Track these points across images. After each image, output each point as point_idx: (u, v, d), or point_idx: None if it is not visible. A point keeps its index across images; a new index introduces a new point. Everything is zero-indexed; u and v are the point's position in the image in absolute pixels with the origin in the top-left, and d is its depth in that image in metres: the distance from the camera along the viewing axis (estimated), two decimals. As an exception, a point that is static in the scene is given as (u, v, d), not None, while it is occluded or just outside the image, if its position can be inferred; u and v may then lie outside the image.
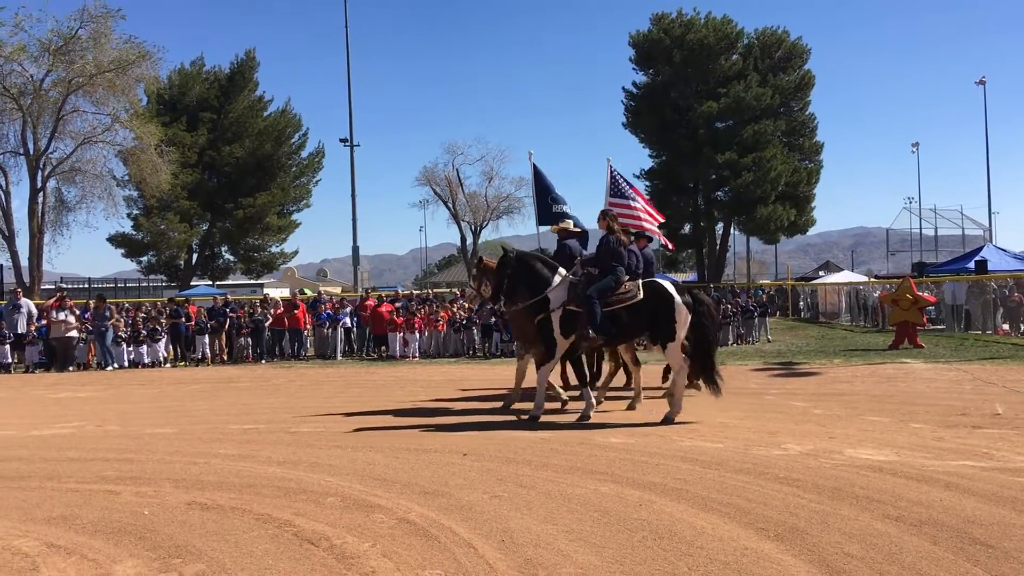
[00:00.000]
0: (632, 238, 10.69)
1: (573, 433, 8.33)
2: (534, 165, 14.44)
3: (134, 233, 42.47)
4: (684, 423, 8.80)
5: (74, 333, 19.68)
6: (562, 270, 9.90)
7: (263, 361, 20.45)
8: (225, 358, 20.92)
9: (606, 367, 11.72)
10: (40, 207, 31.69)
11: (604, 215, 10.24)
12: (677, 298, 9.22)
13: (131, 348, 20.12)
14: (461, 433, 8.48)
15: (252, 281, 51.05)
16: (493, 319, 20.10)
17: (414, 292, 29.90)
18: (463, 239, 49.79)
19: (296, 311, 21.14)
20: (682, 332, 9.20)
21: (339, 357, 20.84)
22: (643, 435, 8.13)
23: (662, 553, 4.52)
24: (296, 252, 51.03)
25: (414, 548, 4.65)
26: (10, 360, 19.59)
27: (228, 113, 43.03)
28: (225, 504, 5.72)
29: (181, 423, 9.78)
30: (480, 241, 51.74)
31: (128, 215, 41.63)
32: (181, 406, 11.63)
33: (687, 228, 44.81)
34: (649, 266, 11.58)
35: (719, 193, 42.63)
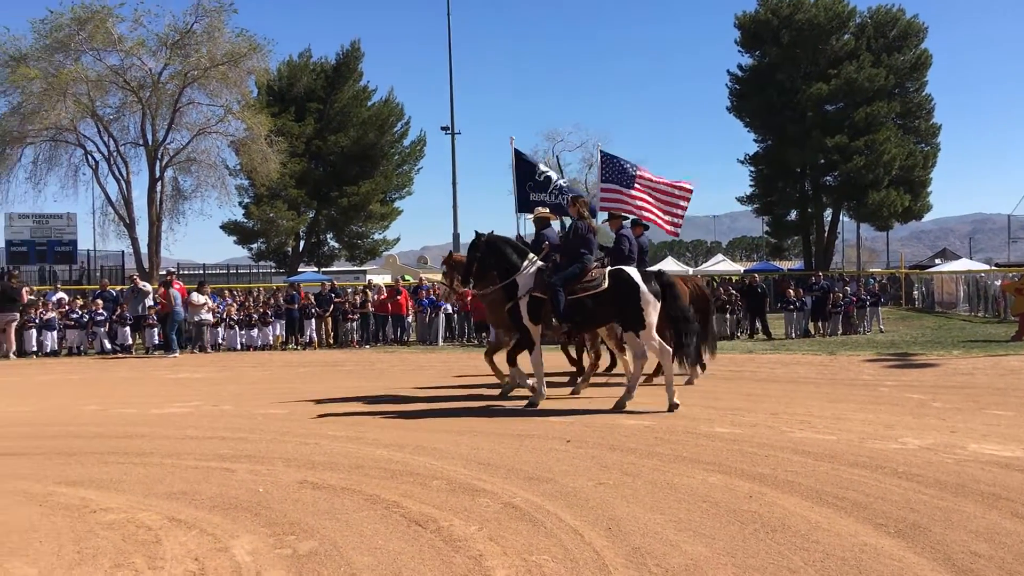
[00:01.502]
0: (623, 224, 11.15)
1: (678, 422, 8.18)
2: (515, 151, 14.32)
3: (245, 221, 43.94)
4: (794, 414, 8.55)
5: (209, 316, 20.51)
6: (532, 256, 9.83)
7: (367, 346, 20.89)
8: (331, 342, 21.48)
9: (586, 358, 11.56)
10: (158, 196, 33.10)
11: (575, 201, 10.20)
12: (643, 286, 9.13)
13: (243, 331, 20.86)
14: (563, 419, 8.45)
15: (356, 268, 52.19)
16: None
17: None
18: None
19: (399, 297, 21.50)
20: (652, 319, 9.09)
21: (440, 343, 21.09)
22: (751, 426, 7.93)
23: (775, 546, 4.38)
24: (398, 239, 51.86)
25: (520, 533, 4.64)
26: (131, 342, 20.55)
27: (334, 103, 44.00)
28: (335, 484, 5.85)
29: (291, 404, 10.05)
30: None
31: (239, 203, 43.06)
32: (291, 388, 11.96)
33: (793, 214, 43.52)
34: (643, 254, 11.49)
35: (828, 178, 41.21)
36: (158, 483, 6.01)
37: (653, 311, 9.12)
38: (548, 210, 11.51)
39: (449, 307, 21.65)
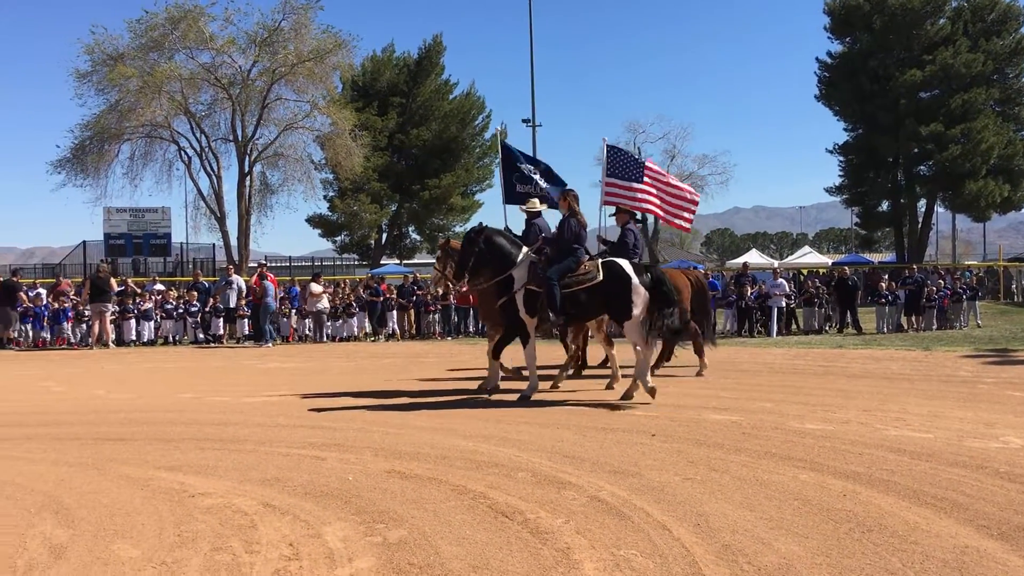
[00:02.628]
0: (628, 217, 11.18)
1: (766, 417, 8.02)
2: (502, 143, 14.16)
3: (329, 214, 44.88)
4: (888, 411, 8.29)
5: (325, 305, 21.06)
6: (525, 248, 9.73)
7: (449, 338, 21.10)
8: (413, 334, 21.77)
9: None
10: (247, 190, 34.09)
11: (565, 195, 10.06)
12: (634, 278, 9.19)
13: (330, 323, 21.32)
14: (648, 413, 8.37)
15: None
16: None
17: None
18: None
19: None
20: (639, 311, 9.13)
21: (521, 335, 21.12)
22: (842, 422, 7.72)
23: (871, 547, 4.25)
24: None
25: (607, 527, 4.62)
26: (222, 332, 21.20)
27: (416, 97, 44.54)
28: (422, 474, 5.92)
29: (376, 395, 10.21)
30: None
31: (324, 197, 44.02)
32: (375, 379, 12.16)
33: (885, 205, 42.21)
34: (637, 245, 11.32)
35: (922, 168, 39.88)
36: (252, 469, 6.17)
37: (641, 303, 9.18)
38: (538, 201, 11.43)
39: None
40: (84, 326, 20.16)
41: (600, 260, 9.65)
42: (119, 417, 8.88)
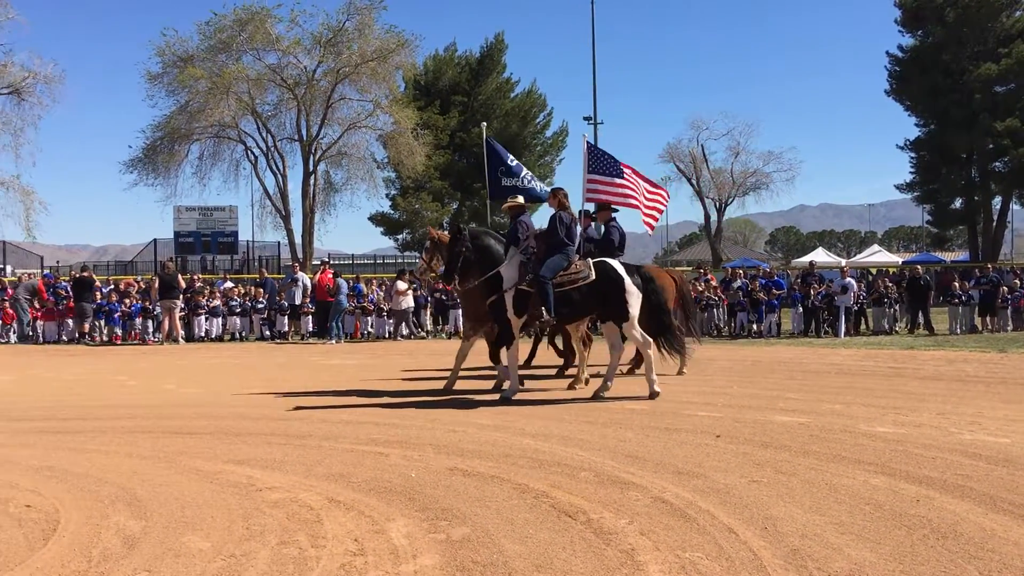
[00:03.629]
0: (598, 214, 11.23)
1: (835, 420, 7.84)
2: (487, 139, 13.99)
3: (391, 212, 45.29)
4: (963, 415, 8.03)
5: (410, 303, 21.32)
6: (514, 247, 9.61)
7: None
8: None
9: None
10: (311, 189, 34.61)
11: (555, 192, 9.91)
12: (627, 278, 9.25)
13: (391, 320, 21.51)
14: (711, 414, 8.25)
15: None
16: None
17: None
18: (707, 216, 48.52)
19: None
20: (635, 310, 9.20)
21: (583, 333, 21.06)
22: (915, 426, 7.50)
23: (946, 554, 4.13)
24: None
25: (672, 529, 4.56)
26: (287, 329, 21.56)
27: (477, 95, 44.66)
28: (484, 472, 5.92)
29: (438, 392, 10.26)
30: (724, 218, 50.28)
31: (386, 195, 44.42)
32: (437, 376, 12.21)
33: (958, 203, 40.97)
34: (623, 242, 11.28)
35: (997, 164, 38.55)
36: (317, 464, 6.25)
37: (636, 303, 9.21)
38: (522, 198, 11.28)
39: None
40: (151, 323, 20.67)
41: (591, 260, 9.62)
42: (189, 411, 9.08)
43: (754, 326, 19.83)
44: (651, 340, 9.44)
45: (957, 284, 20.87)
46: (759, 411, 8.40)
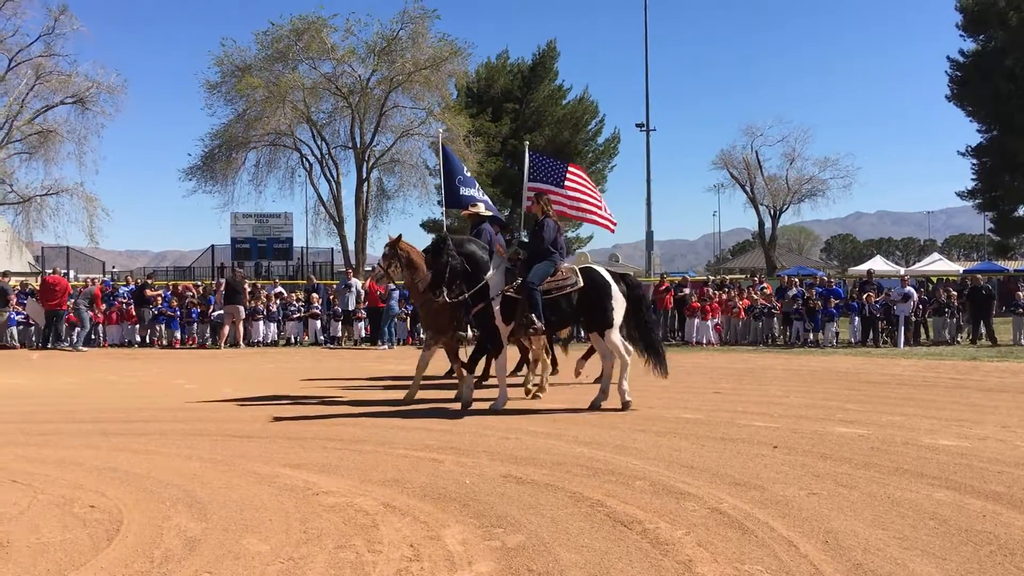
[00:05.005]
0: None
1: (896, 432, 7.67)
2: (443, 147, 13.88)
3: (443, 219, 45.51)
4: (1029, 428, 7.80)
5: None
6: (497, 255, 9.45)
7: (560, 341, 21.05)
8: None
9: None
10: (364, 195, 34.98)
11: (538, 198, 9.71)
12: (614, 285, 9.19)
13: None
14: (768, 424, 8.12)
15: (548, 265, 52.77)
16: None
17: (709, 277, 29.32)
18: (761, 224, 47.83)
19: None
20: (619, 318, 9.13)
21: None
22: (979, 439, 7.30)
23: (1015, 571, 4.00)
24: (591, 237, 52.12)
25: (730, 540, 4.49)
26: (341, 334, 21.79)
27: (529, 103, 44.80)
28: (538, 479, 5.90)
29: (489, 399, 10.23)
30: (779, 225, 49.56)
31: (438, 202, 44.62)
32: (489, 384, 12.20)
33: (1021, 210, 39.89)
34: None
35: (1062, 170, 37.50)
36: (372, 470, 6.29)
37: (620, 310, 9.11)
38: (482, 207, 11.08)
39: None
40: (209, 327, 21.06)
41: (578, 266, 9.54)
42: (245, 415, 9.22)
43: (810, 335, 19.50)
44: (631, 348, 9.37)
45: (1021, 294, 20.28)
46: (817, 422, 8.26)
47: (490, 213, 11.62)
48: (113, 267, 50.03)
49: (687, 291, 20.97)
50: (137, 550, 4.42)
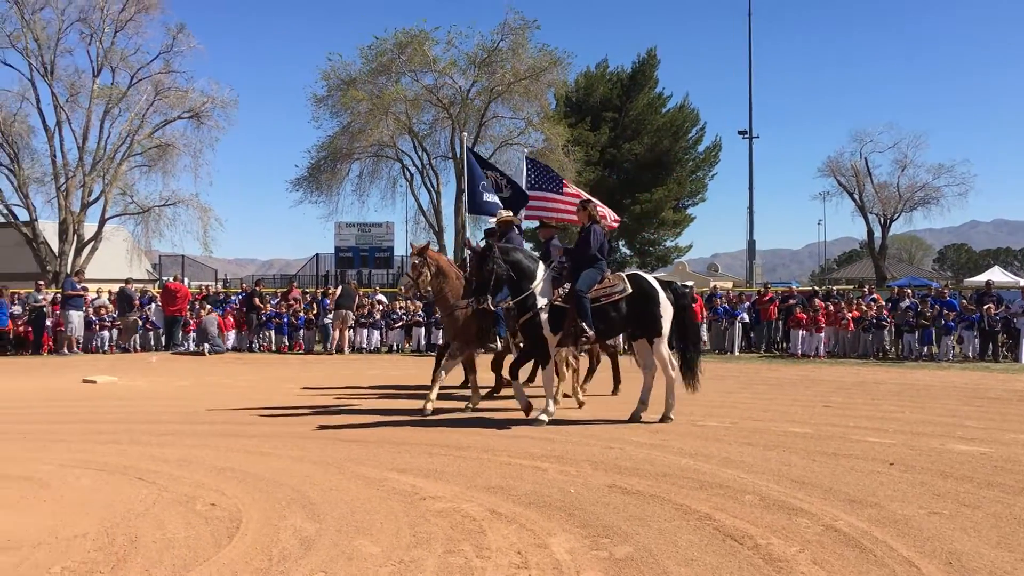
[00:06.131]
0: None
1: (1020, 451, 7.28)
2: (468, 151, 13.30)
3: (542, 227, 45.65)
4: None
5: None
6: (542, 263, 9.11)
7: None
8: (626, 348, 21.64)
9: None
10: (464, 205, 35.37)
11: (584, 205, 9.38)
12: (661, 292, 9.05)
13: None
14: (882, 440, 7.82)
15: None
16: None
17: (815, 288, 28.52)
18: (870, 233, 46.20)
19: (694, 305, 21.20)
20: (668, 327, 9.01)
21: (736, 352, 20.53)
22: (1115, 460, 6.88)
23: None
24: (691, 246, 51.45)
25: (847, 559, 4.35)
26: (442, 341, 22.01)
27: (628, 111, 44.55)
28: (643, 490, 5.85)
29: (592, 407, 10.20)
30: (889, 234, 47.82)
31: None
32: (589, 391, 12.14)
33: None
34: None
35: None
36: (477, 476, 6.35)
37: (669, 318, 8.94)
38: (510, 213, 10.69)
39: (745, 316, 21.04)
40: (317, 332, 21.65)
41: (624, 273, 9.31)
42: (354, 420, 9.42)
43: (923, 348, 18.71)
44: (675, 360, 9.19)
45: None
46: (935, 438, 7.92)
47: (516, 220, 11.49)
48: (225, 275, 51.97)
49: (793, 302, 20.43)
50: (256, 548, 4.58)
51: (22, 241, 31.37)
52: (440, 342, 14.44)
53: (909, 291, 21.40)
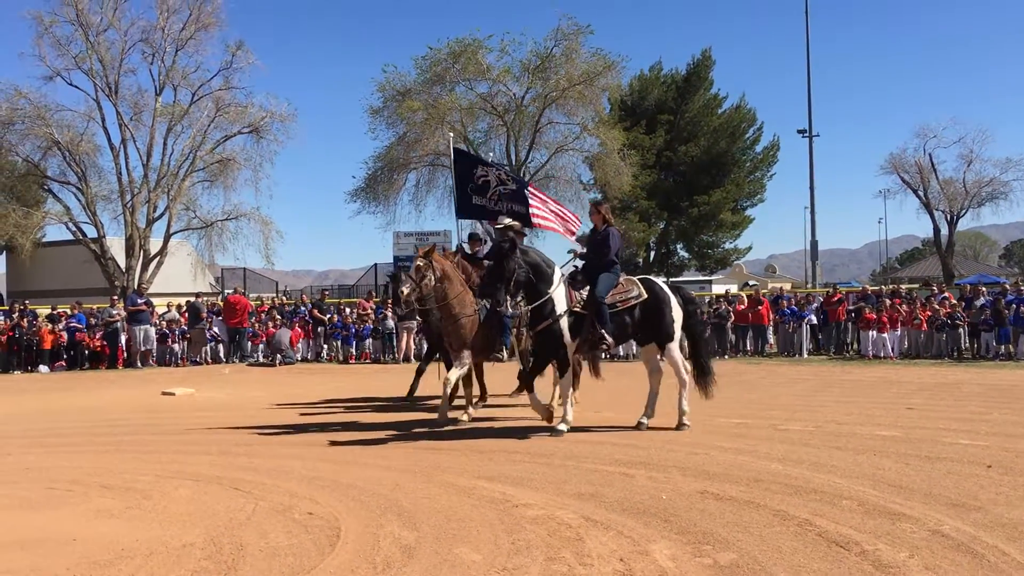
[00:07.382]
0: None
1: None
2: (455, 150, 12.81)
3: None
4: None
5: None
6: (558, 268, 8.75)
7: (725, 356, 20.56)
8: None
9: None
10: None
11: (598, 207, 9.11)
12: (673, 298, 8.95)
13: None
14: (975, 442, 7.63)
15: (703, 277, 51.85)
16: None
17: (883, 288, 27.93)
18: (936, 230, 44.95)
19: (760, 307, 20.96)
20: (678, 331, 8.93)
21: (805, 355, 20.20)
22: None
23: None
24: (749, 248, 50.77)
25: (960, 565, 4.25)
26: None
27: (684, 113, 44.14)
28: (737, 496, 5.78)
29: (664, 415, 10.08)
30: (956, 231, 46.57)
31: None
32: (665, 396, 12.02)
33: None
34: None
35: None
36: (565, 483, 6.34)
37: (679, 323, 8.84)
38: (509, 219, 10.25)
39: (813, 317, 20.67)
40: (383, 341, 21.85)
41: (637, 278, 9.12)
42: (428, 427, 9.48)
43: (1001, 347, 18.19)
44: (688, 365, 9.10)
45: None
46: (1032, 440, 7.69)
47: (520, 226, 10.94)
48: (285, 287, 52.79)
49: (863, 304, 20.03)
50: (359, 556, 4.63)
51: (91, 257, 32.21)
52: (425, 352, 14.12)
53: (983, 289, 20.84)
